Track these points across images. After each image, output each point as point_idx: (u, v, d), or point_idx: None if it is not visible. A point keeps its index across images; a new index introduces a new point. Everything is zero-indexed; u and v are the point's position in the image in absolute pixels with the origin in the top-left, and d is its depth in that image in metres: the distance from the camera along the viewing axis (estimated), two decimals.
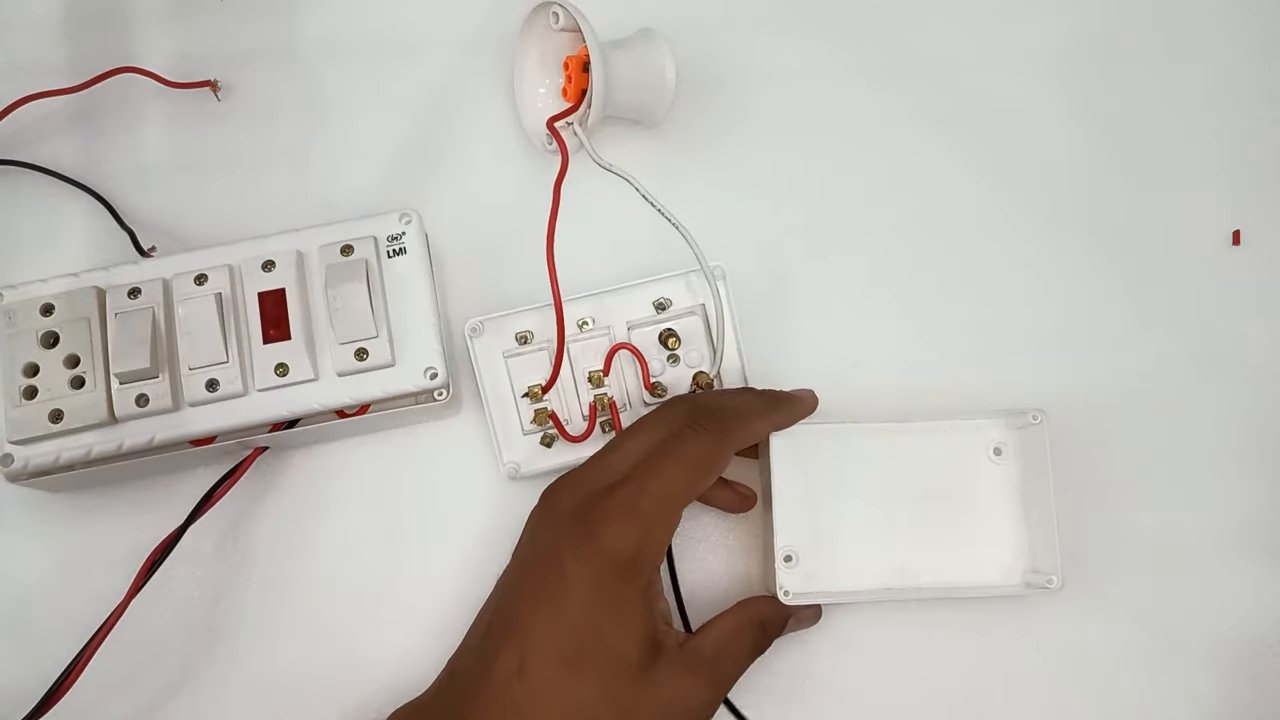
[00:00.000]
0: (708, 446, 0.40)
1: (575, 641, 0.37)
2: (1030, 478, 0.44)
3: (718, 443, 0.40)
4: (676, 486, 0.39)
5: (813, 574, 0.44)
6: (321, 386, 0.44)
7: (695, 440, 0.40)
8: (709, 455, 0.40)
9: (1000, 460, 0.45)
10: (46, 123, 0.51)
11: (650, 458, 0.40)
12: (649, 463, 0.40)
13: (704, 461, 0.40)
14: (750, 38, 0.54)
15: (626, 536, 0.38)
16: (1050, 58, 0.55)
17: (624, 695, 0.37)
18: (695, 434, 0.40)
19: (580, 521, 0.39)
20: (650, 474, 0.39)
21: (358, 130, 0.52)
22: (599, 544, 0.38)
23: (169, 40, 0.53)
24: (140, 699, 0.45)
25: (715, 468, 0.40)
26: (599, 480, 0.40)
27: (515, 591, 0.40)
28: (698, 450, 0.40)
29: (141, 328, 0.43)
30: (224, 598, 0.46)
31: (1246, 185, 0.53)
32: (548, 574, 0.38)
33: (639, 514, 0.38)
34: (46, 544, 0.46)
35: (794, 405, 0.44)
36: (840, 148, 0.53)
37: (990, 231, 0.52)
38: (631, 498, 0.39)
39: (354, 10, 0.54)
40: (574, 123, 0.48)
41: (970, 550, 0.44)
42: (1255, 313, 0.51)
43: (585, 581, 0.38)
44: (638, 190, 0.45)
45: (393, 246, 0.45)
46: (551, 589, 0.38)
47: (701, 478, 0.40)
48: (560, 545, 0.38)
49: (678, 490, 0.39)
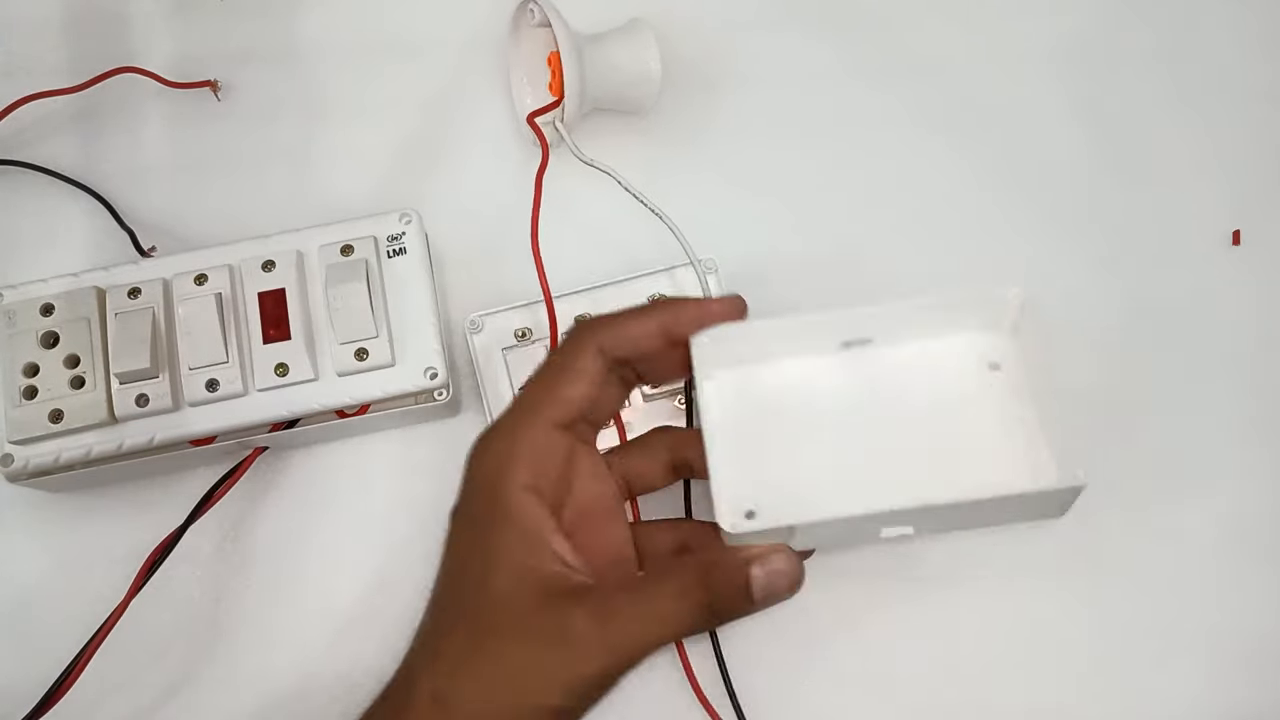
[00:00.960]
0: (564, 346, 0.36)
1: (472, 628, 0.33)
2: (1034, 384, 0.37)
3: (573, 340, 0.36)
4: (530, 396, 0.35)
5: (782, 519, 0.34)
6: (321, 386, 0.44)
7: (557, 349, 0.36)
8: (563, 354, 0.36)
9: (996, 377, 0.37)
10: (46, 123, 0.51)
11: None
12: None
13: (559, 362, 0.36)
14: (743, 33, 0.54)
15: (486, 463, 0.35)
16: (1049, 58, 0.55)
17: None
18: (559, 343, 0.37)
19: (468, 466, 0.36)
20: (516, 398, 0.36)
21: (358, 130, 0.52)
22: (467, 478, 0.35)
23: (169, 40, 0.53)
24: (140, 699, 0.45)
25: (571, 368, 0.35)
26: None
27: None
28: (552, 356, 0.36)
29: (141, 328, 0.43)
30: (224, 598, 0.46)
31: (1246, 185, 0.53)
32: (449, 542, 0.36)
33: (497, 433, 0.35)
34: (46, 544, 0.46)
35: (687, 304, 0.36)
36: (834, 145, 0.53)
37: (989, 231, 0.52)
38: (493, 425, 0.36)
39: (354, 10, 0.54)
40: (554, 118, 0.48)
41: (977, 462, 0.36)
42: (1255, 312, 0.51)
43: (459, 528, 0.35)
44: (620, 184, 0.45)
45: (393, 246, 0.45)
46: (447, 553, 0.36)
47: (558, 380, 0.35)
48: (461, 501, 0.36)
49: (532, 399, 0.35)
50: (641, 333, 0.35)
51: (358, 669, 0.45)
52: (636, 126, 0.52)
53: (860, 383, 0.37)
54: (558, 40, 0.46)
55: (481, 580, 0.33)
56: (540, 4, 0.47)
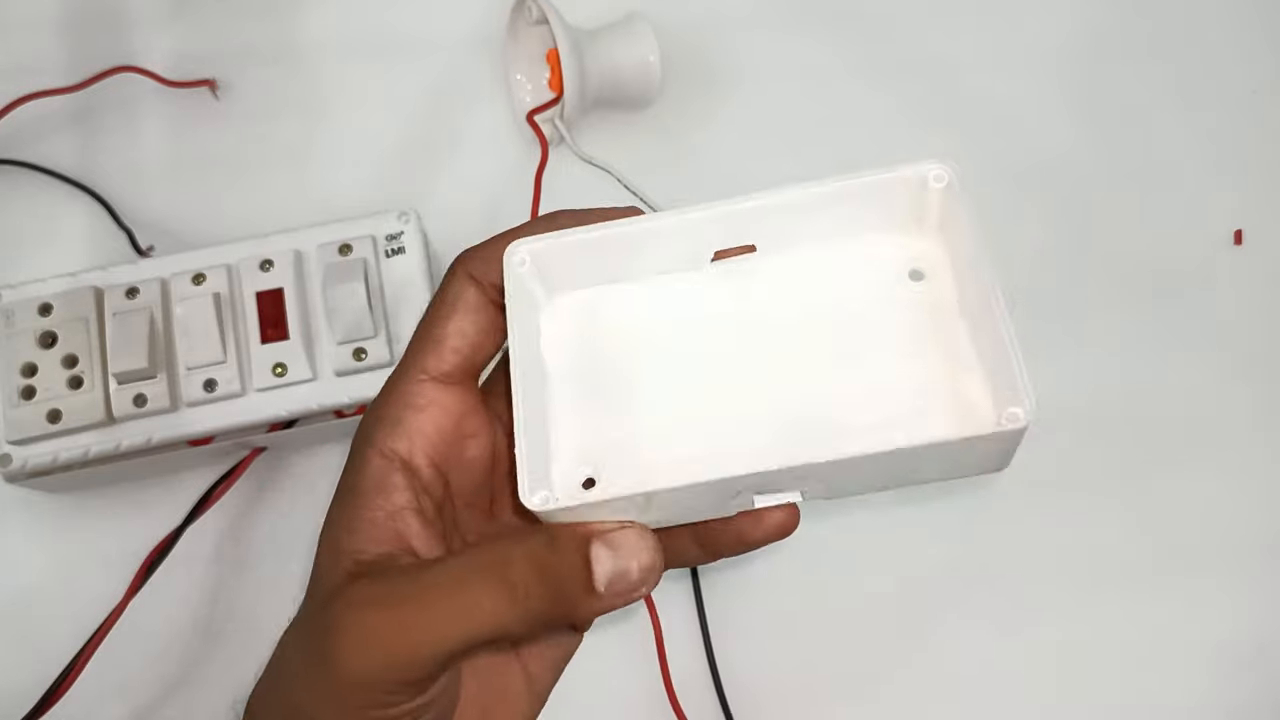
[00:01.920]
0: (440, 286, 0.30)
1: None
2: (969, 298, 0.28)
3: (446, 275, 0.29)
4: (408, 350, 0.29)
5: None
6: (319, 386, 0.44)
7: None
8: (436, 293, 0.29)
9: (921, 287, 0.29)
10: (45, 122, 0.51)
11: None
12: None
13: (431, 303, 0.29)
14: (743, 31, 0.54)
15: (358, 432, 0.29)
16: (1049, 57, 0.54)
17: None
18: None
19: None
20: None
21: (356, 129, 0.52)
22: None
23: (168, 39, 0.53)
24: (139, 699, 0.45)
25: (441, 304, 0.29)
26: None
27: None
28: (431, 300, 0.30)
29: (139, 327, 0.42)
30: (222, 598, 0.46)
31: (1248, 185, 0.53)
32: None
33: (377, 396, 0.29)
34: (45, 544, 0.46)
35: (580, 215, 0.29)
36: (834, 144, 0.53)
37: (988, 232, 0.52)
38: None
39: (353, 10, 0.54)
40: (553, 115, 0.48)
41: (887, 405, 0.27)
42: (1258, 312, 0.51)
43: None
44: (620, 181, 0.45)
45: (391, 246, 0.45)
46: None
47: (429, 323, 0.29)
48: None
49: (408, 352, 0.29)
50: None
51: None
52: (637, 124, 0.52)
53: (737, 305, 0.29)
54: (555, 37, 0.46)
55: (313, 570, 0.28)
56: (538, 1, 0.47)
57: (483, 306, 0.29)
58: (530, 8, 0.49)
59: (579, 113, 0.49)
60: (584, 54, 0.48)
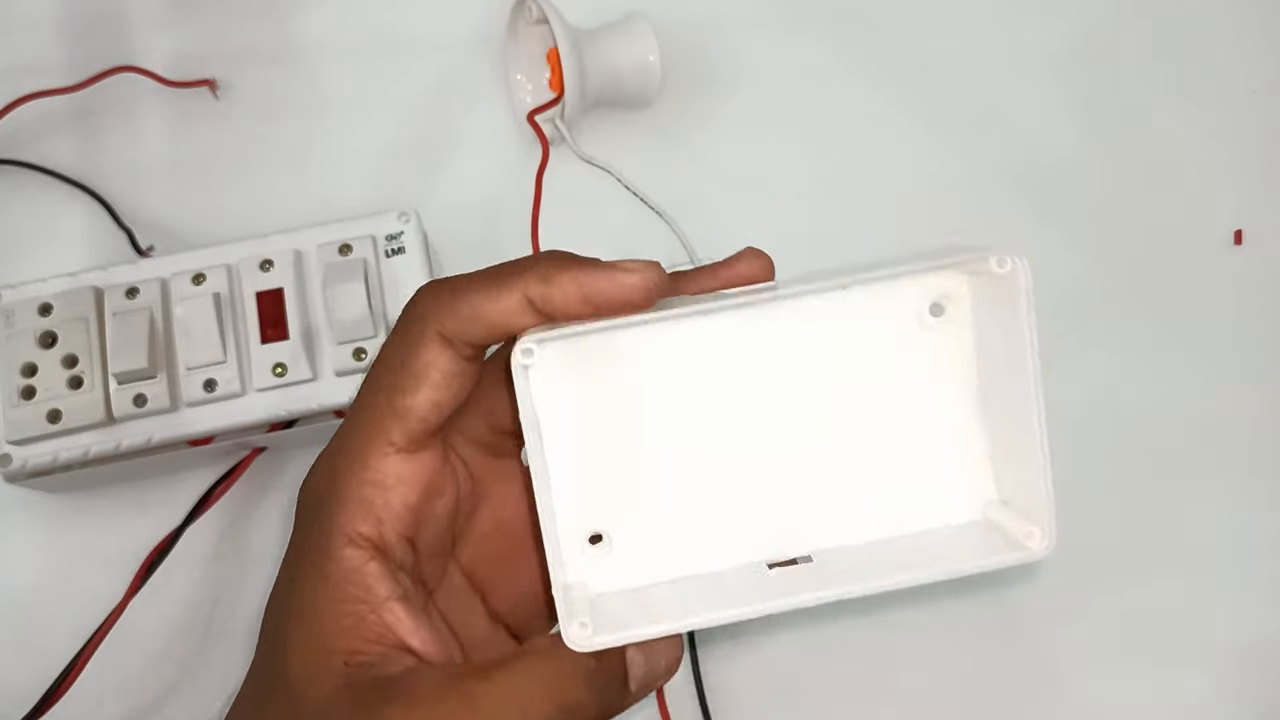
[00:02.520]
0: (396, 331, 0.27)
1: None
2: (993, 354, 0.26)
3: (405, 325, 0.27)
4: (362, 410, 0.26)
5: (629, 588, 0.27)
6: (320, 386, 0.44)
7: (389, 339, 0.27)
8: (397, 345, 0.27)
9: (940, 324, 0.27)
10: (45, 122, 0.51)
11: None
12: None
13: (393, 359, 0.26)
14: (744, 31, 0.54)
15: (307, 502, 0.27)
16: (1049, 57, 0.54)
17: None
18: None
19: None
20: (350, 409, 0.28)
21: (356, 129, 0.52)
22: (295, 519, 0.28)
23: (168, 39, 0.53)
24: (139, 699, 0.45)
25: (408, 368, 0.26)
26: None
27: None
28: (385, 347, 0.27)
29: (139, 327, 0.42)
30: (222, 598, 0.46)
31: (1248, 185, 0.53)
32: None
33: (324, 461, 0.27)
34: (45, 544, 0.46)
35: (569, 268, 0.25)
36: (834, 143, 0.53)
37: (989, 231, 0.52)
38: (324, 450, 0.27)
39: (353, 9, 0.54)
40: (554, 115, 0.48)
41: (895, 494, 0.26)
42: (1258, 313, 0.51)
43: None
44: (621, 182, 0.45)
45: (391, 246, 0.45)
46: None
47: (393, 386, 0.26)
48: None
49: (364, 415, 0.26)
50: (500, 312, 0.25)
51: None
52: (637, 124, 0.52)
53: (749, 348, 0.27)
54: (556, 36, 0.46)
55: (281, 659, 0.26)
56: (538, 1, 0.47)
57: (457, 372, 0.26)
58: (530, 7, 0.49)
59: (579, 113, 0.49)
60: (584, 54, 0.48)
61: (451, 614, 0.28)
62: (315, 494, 0.27)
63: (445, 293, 0.26)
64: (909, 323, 0.27)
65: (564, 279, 0.25)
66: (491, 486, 0.29)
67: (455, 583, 0.29)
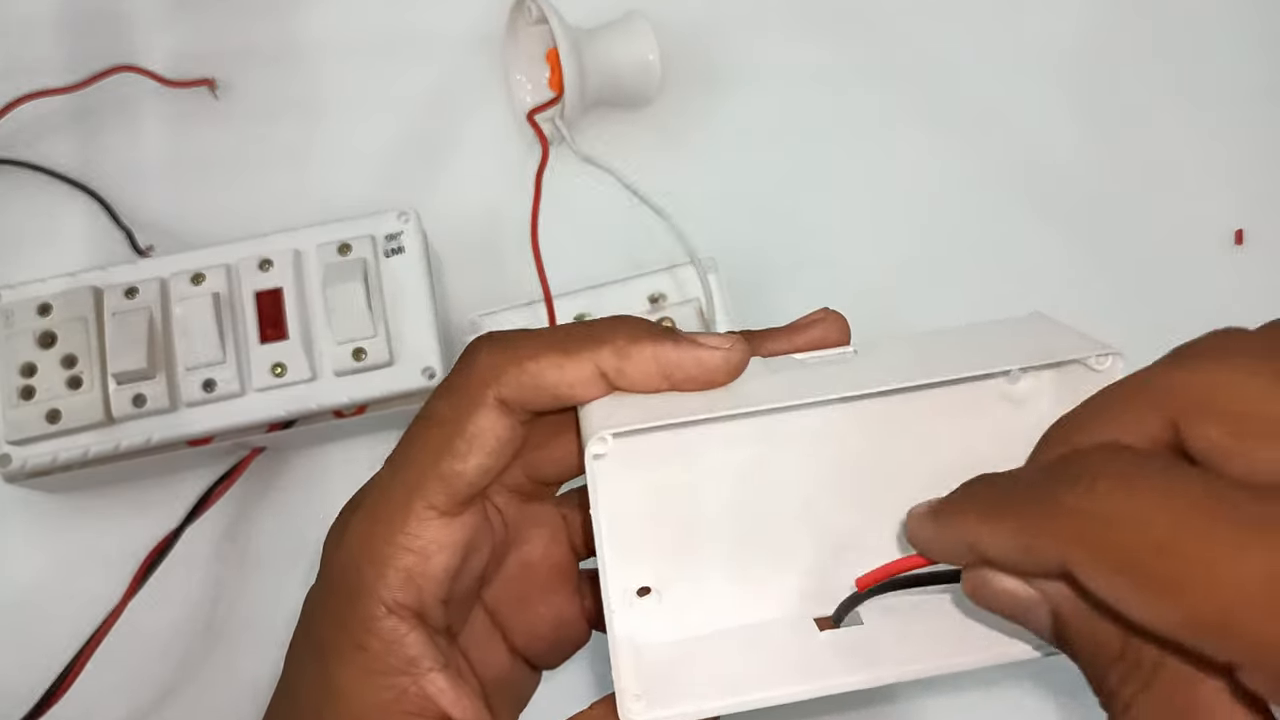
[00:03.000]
0: (454, 390, 0.25)
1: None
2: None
3: (464, 385, 0.25)
4: (407, 467, 0.25)
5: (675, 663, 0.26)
6: (319, 386, 0.44)
7: (445, 389, 0.26)
8: (452, 405, 0.25)
9: (1023, 406, 0.26)
10: (44, 122, 0.51)
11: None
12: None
13: (446, 418, 0.25)
14: (744, 31, 0.54)
15: (342, 559, 0.26)
16: (1049, 57, 0.54)
17: None
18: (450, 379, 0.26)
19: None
20: (391, 462, 0.26)
21: (356, 129, 0.52)
22: (323, 569, 0.27)
23: (167, 39, 0.53)
24: (139, 699, 0.45)
25: (461, 432, 0.25)
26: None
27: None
28: (437, 406, 0.26)
29: (138, 327, 0.42)
30: (221, 598, 0.46)
31: (1249, 185, 0.53)
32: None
33: (362, 517, 0.26)
34: (44, 544, 0.46)
35: (648, 341, 0.24)
36: (835, 143, 0.53)
37: (990, 230, 0.52)
38: (358, 502, 0.26)
39: (353, 10, 0.54)
40: (554, 115, 0.48)
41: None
42: (1259, 313, 0.51)
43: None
44: (621, 182, 0.45)
45: (390, 245, 0.45)
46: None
47: (443, 448, 0.25)
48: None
49: (409, 472, 0.25)
50: (569, 382, 0.24)
51: None
52: (638, 123, 0.52)
53: (818, 432, 0.26)
54: (555, 36, 0.46)
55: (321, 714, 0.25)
56: (537, 1, 0.47)
57: (511, 438, 0.25)
58: (530, 7, 0.49)
59: (579, 112, 0.49)
60: (584, 53, 0.48)
61: (472, 650, 0.27)
62: (349, 556, 0.25)
63: (509, 357, 0.25)
64: (989, 403, 0.27)
65: (642, 355, 0.24)
66: (522, 531, 0.28)
67: (478, 622, 0.28)
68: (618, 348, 0.24)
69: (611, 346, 0.24)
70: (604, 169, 0.46)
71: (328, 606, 0.26)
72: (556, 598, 0.28)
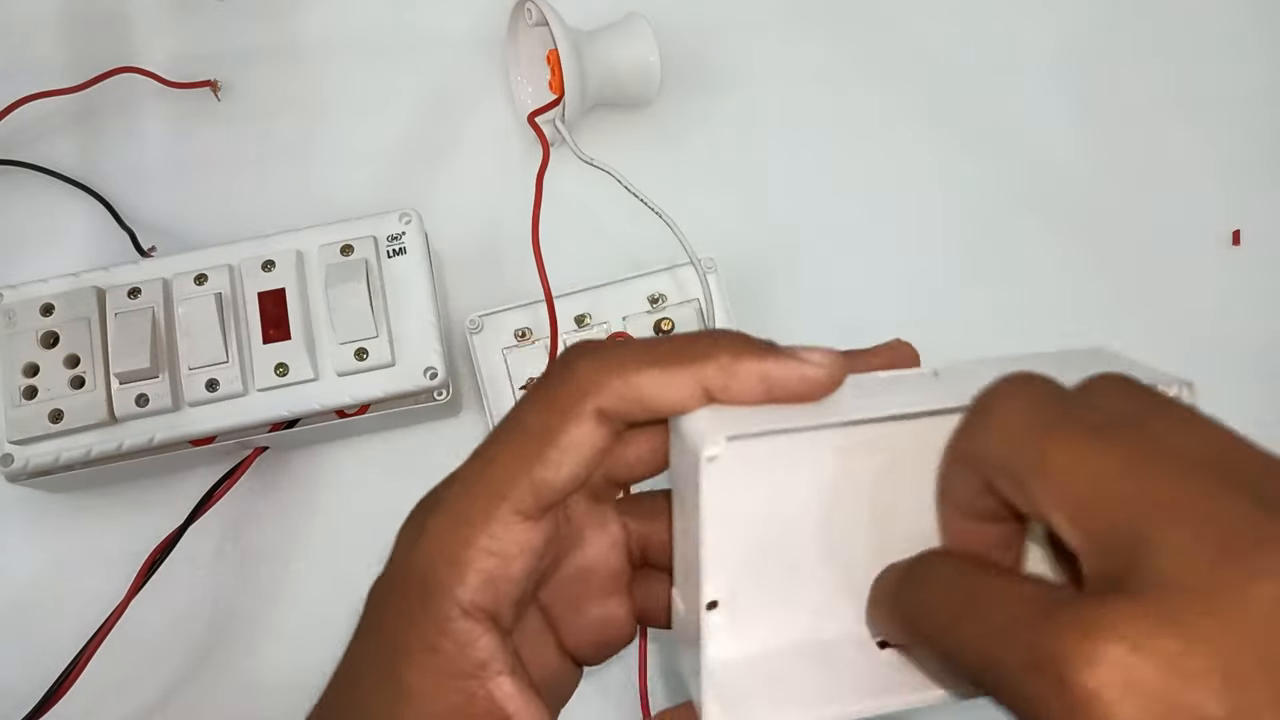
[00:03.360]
0: (551, 396, 0.25)
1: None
2: None
3: (563, 394, 0.25)
4: (494, 469, 0.25)
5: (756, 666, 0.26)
6: (321, 386, 0.44)
7: (540, 395, 0.26)
8: (547, 410, 0.25)
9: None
10: (46, 123, 0.51)
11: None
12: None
13: (539, 427, 0.25)
14: (746, 32, 0.54)
15: (421, 555, 0.26)
16: (1049, 57, 0.55)
17: None
18: (530, 389, 0.26)
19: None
20: (476, 459, 0.26)
21: (357, 130, 0.52)
22: (394, 562, 0.27)
23: (169, 40, 0.53)
24: (140, 699, 0.45)
25: (556, 442, 0.25)
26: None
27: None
28: (529, 413, 0.26)
29: (141, 328, 0.43)
30: (223, 598, 0.46)
31: (1246, 185, 0.53)
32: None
33: (442, 515, 0.26)
34: (46, 544, 0.46)
35: (748, 362, 0.24)
36: (835, 143, 0.53)
37: (988, 232, 0.52)
38: (438, 498, 0.26)
39: (354, 10, 0.54)
40: (554, 117, 0.48)
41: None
42: (1256, 313, 0.51)
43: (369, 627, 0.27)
44: (621, 183, 0.45)
45: (392, 246, 0.45)
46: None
47: (535, 455, 0.25)
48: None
49: (495, 475, 0.25)
50: (672, 397, 0.24)
51: None
52: (638, 125, 0.52)
53: (903, 448, 0.26)
54: (556, 39, 0.46)
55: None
56: (537, 3, 0.47)
57: (605, 449, 0.25)
58: (530, 9, 0.49)
59: (579, 113, 0.49)
60: (584, 55, 0.48)
61: (524, 648, 0.27)
62: (425, 556, 0.25)
63: (611, 370, 0.25)
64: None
65: (749, 373, 0.24)
66: (585, 532, 0.28)
67: (532, 621, 0.28)
68: (722, 365, 0.24)
69: (716, 364, 0.24)
70: (604, 170, 0.46)
71: (399, 606, 0.26)
72: (611, 601, 0.29)
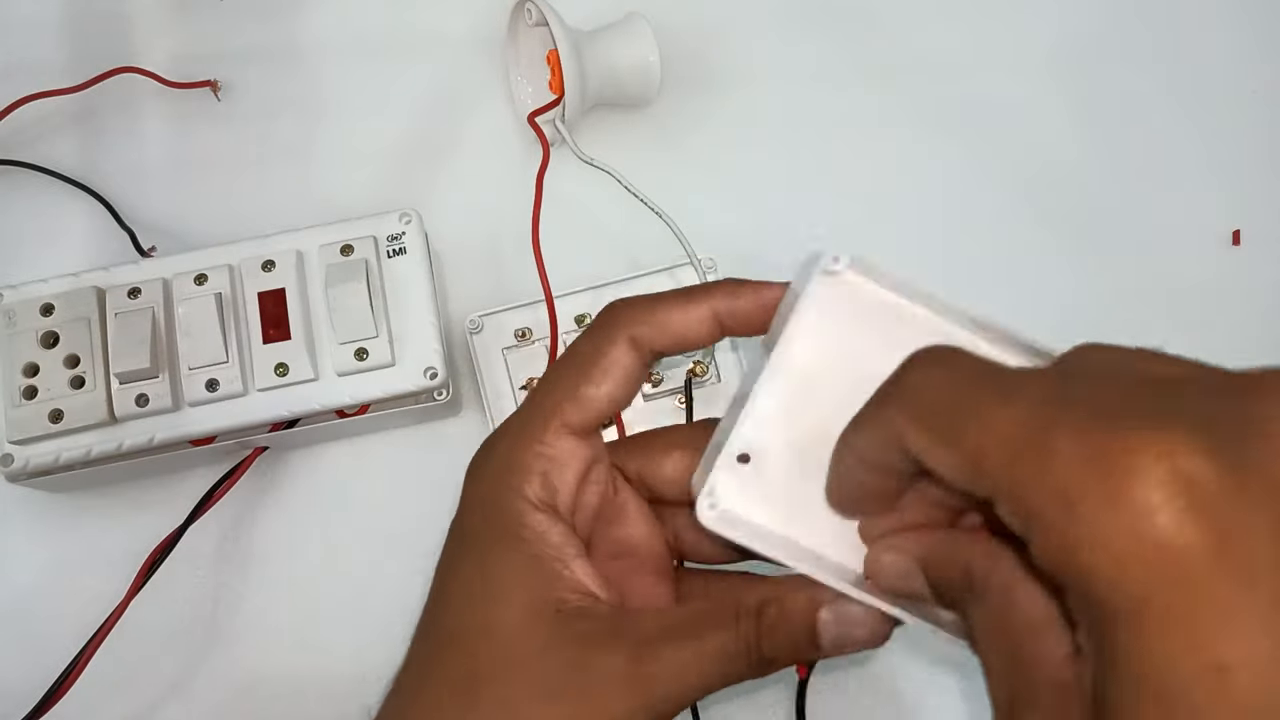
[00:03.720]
0: (591, 333, 0.30)
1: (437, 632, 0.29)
2: None
3: (601, 328, 0.30)
4: (546, 393, 0.30)
5: (774, 501, 0.28)
6: (321, 386, 0.44)
7: (583, 336, 0.30)
8: (591, 342, 0.30)
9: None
10: (46, 123, 0.51)
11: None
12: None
13: (584, 353, 0.30)
14: (745, 32, 0.54)
15: (489, 471, 0.30)
16: (1049, 57, 0.55)
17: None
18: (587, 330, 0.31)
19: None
20: (531, 394, 0.31)
21: (357, 130, 0.52)
22: (467, 488, 0.31)
23: (169, 40, 0.53)
24: (140, 699, 0.45)
25: (598, 364, 0.29)
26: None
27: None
28: (577, 344, 0.30)
29: (141, 328, 0.43)
30: (224, 598, 0.46)
31: (1246, 185, 0.53)
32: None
33: (504, 436, 0.30)
34: (46, 544, 0.46)
35: (744, 287, 0.30)
36: (835, 143, 0.53)
37: (988, 232, 0.52)
38: (500, 427, 0.31)
39: (354, 10, 0.54)
40: (554, 117, 0.48)
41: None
42: (1256, 313, 0.51)
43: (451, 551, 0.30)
44: (621, 183, 0.46)
45: (393, 246, 0.45)
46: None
47: (582, 376, 0.29)
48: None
49: (548, 397, 0.30)
50: (689, 322, 0.29)
51: (359, 670, 0.45)
52: (638, 125, 0.52)
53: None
54: (556, 39, 0.46)
55: (482, 614, 0.28)
56: (537, 4, 0.47)
57: (637, 375, 0.30)
58: (530, 10, 0.49)
59: (579, 114, 0.49)
60: (584, 55, 0.48)
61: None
62: (494, 470, 0.30)
63: (640, 304, 0.30)
64: None
65: (746, 295, 0.29)
66: (628, 504, 0.31)
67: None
68: (726, 291, 0.29)
69: (721, 291, 0.29)
70: (604, 170, 0.46)
71: (478, 516, 0.29)
72: (644, 582, 0.31)
